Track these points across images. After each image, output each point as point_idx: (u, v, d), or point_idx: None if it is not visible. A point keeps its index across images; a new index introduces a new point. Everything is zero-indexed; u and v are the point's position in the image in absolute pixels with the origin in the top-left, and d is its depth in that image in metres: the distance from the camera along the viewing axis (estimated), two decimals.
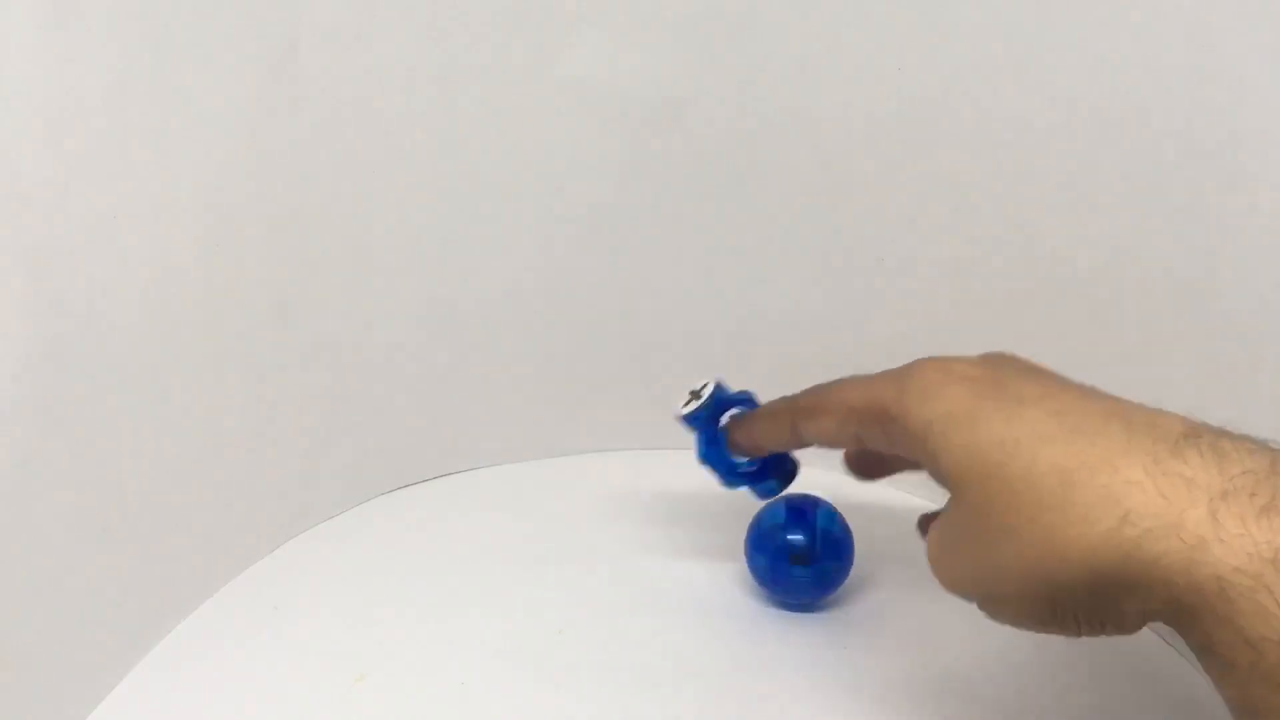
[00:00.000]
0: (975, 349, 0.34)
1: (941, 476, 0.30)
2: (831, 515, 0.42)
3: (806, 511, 0.42)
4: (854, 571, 0.43)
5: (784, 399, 0.39)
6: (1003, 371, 0.32)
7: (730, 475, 0.41)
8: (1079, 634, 0.28)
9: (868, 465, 0.41)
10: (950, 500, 0.30)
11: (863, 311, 0.48)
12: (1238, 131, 0.40)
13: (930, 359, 0.33)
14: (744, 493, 0.42)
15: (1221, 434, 0.27)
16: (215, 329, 0.41)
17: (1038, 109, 0.42)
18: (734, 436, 0.40)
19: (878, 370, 0.34)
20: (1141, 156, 0.41)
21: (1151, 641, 0.39)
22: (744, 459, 0.41)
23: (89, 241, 0.36)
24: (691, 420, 0.41)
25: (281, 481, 0.47)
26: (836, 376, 0.36)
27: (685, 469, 0.42)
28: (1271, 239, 0.41)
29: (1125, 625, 0.27)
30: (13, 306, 0.34)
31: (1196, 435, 0.26)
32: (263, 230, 0.42)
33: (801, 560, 0.41)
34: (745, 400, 0.41)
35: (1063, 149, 0.42)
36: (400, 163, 0.44)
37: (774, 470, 0.41)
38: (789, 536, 0.42)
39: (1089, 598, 0.26)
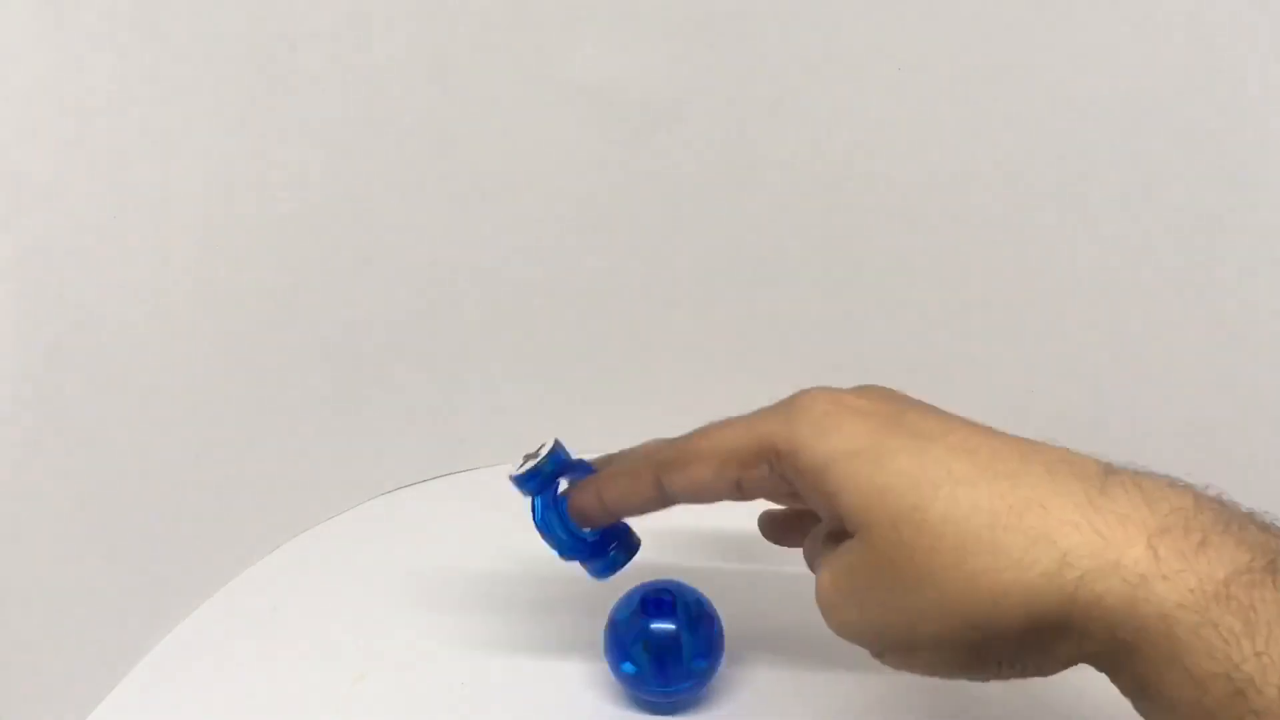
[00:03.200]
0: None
1: (842, 516, 0.28)
2: (701, 600, 0.38)
3: (673, 597, 0.38)
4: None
5: (635, 453, 0.36)
6: (896, 405, 0.30)
7: (570, 546, 0.36)
8: (996, 678, 0.27)
9: (785, 527, 0.38)
10: (852, 542, 0.28)
11: (863, 312, 0.48)
12: (1238, 131, 0.40)
13: (815, 390, 0.31)
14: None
15: (1136, 472, 0.26)
16: (215, 329, 0.41)
17: (1038, 109, 0.42)
18: (579, 501, 0.35)
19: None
20: (1141, 156, 0.41)
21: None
22: (586, 529, 0.36)
23: (89, 241, 0.36)
24: (525, 482, 0.36)
25: (281, 481, 0.47)
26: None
27: None
28: (1271, 239, 0.41)
29: (1048, 668, 0.26)
30: (12, 306, 0.34)
31: (1116, 473, 0.26)
32: (263, 230, 0.42)
33: (671, 652, 0.37)
34: (583, 468, 0.37)
35: (1063, 149, 0.42)
36: (400, 163, 0.44)
37: (616, 542, 0.37)
38: (653, 626, 0.37)
39: (1019, 642, 0.25)
